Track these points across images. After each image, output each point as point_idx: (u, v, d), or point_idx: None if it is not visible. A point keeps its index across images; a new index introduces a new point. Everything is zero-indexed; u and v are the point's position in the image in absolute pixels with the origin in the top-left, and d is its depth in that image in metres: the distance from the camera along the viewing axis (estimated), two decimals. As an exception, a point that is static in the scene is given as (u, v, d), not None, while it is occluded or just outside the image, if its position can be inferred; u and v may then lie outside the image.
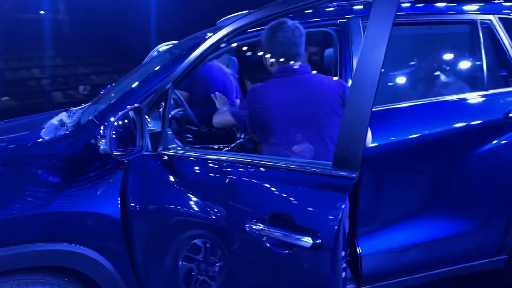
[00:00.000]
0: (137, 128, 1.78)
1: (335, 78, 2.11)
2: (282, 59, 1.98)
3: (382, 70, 1.22)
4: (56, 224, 1.74)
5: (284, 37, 1.93)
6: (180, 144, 1.87)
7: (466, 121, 2.26)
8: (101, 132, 1.88)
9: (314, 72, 2.06)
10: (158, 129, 1.79)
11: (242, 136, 2.41)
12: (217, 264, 1.63)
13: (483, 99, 2.35)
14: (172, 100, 2.07)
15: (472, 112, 2.35)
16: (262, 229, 1.42)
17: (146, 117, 1.81)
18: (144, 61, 4.04)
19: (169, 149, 1.79)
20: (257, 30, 2.13)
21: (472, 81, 2.46)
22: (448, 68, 2.57)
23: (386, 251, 2.15)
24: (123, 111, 1.78)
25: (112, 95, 2.30)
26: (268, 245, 1.41)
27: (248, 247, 1.50)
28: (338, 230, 1.26)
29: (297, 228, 1.33)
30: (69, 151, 1.92)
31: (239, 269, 1.61)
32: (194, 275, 1.72)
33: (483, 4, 2.49)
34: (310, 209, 1.37)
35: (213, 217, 1.61)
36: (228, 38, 1.80)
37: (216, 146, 2.33)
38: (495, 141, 2.27)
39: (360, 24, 2.21)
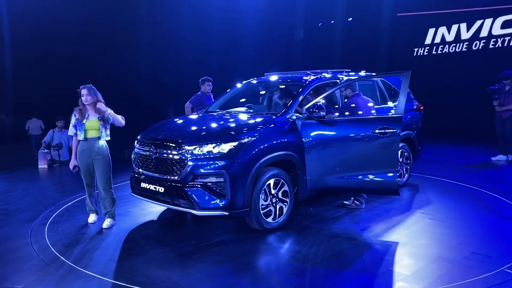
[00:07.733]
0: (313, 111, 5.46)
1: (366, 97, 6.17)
2: (355, 90, 5.97)
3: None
4: (285, 145, 5.29)
5: (356, 83, 5.97)
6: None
7: (379, 113, 6.60)
8: (290, 115, 5.47)
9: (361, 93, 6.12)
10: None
11: None
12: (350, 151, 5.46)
13: (382, 108, 6.80)
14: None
15: (378, 111, 6.70)
16: (376, 131, 5.32)
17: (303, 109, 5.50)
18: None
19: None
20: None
21: (375, 99, 6.87)
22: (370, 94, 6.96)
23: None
24: (310, 104, 5.47)
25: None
26: (378, 134, 5.31)
27: (370, 137, 5.38)
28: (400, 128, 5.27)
29: (387, 129, 5.27)
30: (283, 121, 5.41)
31: (367, 148, 5.45)
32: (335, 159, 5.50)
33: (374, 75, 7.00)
34: (388, 125, 5.31)
35: (351, 135, 5.46)
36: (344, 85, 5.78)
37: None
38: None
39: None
